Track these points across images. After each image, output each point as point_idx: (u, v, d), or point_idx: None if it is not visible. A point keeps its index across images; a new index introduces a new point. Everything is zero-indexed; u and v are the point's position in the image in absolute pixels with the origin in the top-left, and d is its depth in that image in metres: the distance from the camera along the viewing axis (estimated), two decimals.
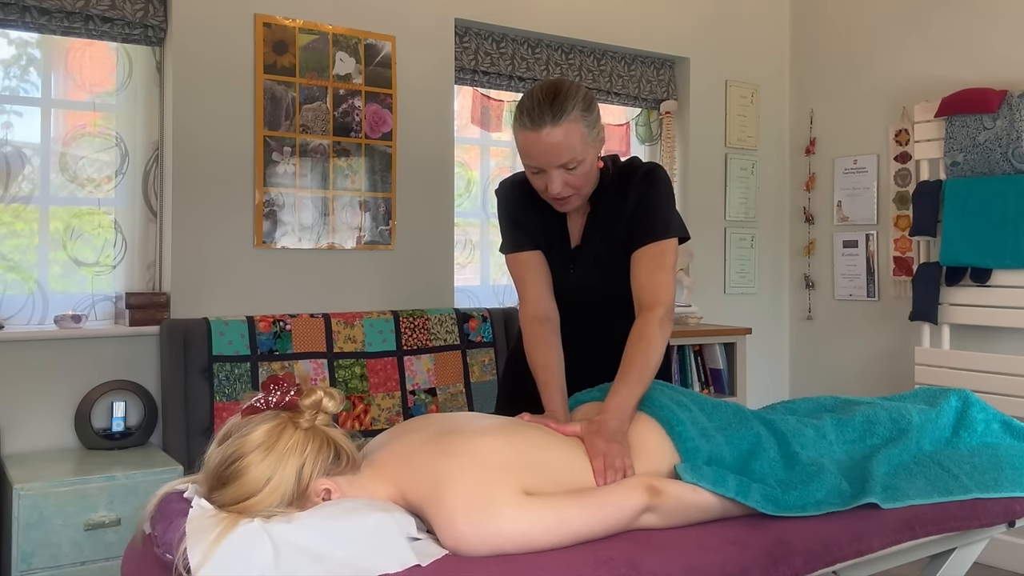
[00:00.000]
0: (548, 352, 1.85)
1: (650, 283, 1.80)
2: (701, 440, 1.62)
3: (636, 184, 1.87)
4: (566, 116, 1.69)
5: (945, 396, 1.94)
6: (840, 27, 4.24)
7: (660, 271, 1.81)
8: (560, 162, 1.72)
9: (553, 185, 1.75)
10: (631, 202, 1.86)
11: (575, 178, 1.77)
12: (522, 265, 1.94)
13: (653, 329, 1.74)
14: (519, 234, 1.96)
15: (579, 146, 1.73)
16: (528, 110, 1.71)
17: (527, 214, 1.95)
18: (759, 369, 4.31)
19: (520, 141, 1.75)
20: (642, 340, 1.73)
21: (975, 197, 3.47)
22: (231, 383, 2.78)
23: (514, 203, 1.97)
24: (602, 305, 1.97)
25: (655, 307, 1.76)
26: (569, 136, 1.71)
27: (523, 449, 1.44)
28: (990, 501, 1.69)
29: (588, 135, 1.74)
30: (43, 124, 2.82)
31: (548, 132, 1.69)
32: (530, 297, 1.92)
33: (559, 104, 1.70)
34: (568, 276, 1.95)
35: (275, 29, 3.04)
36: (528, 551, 1.31)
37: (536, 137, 1.70)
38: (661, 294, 1.78)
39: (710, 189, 4.21)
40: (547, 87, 1.74)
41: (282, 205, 3.06)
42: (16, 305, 2.78)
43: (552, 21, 3.69)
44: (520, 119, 1.73)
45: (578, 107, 1.72)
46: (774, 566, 1.39)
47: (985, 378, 3.44)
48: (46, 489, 2.31)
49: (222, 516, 1.27)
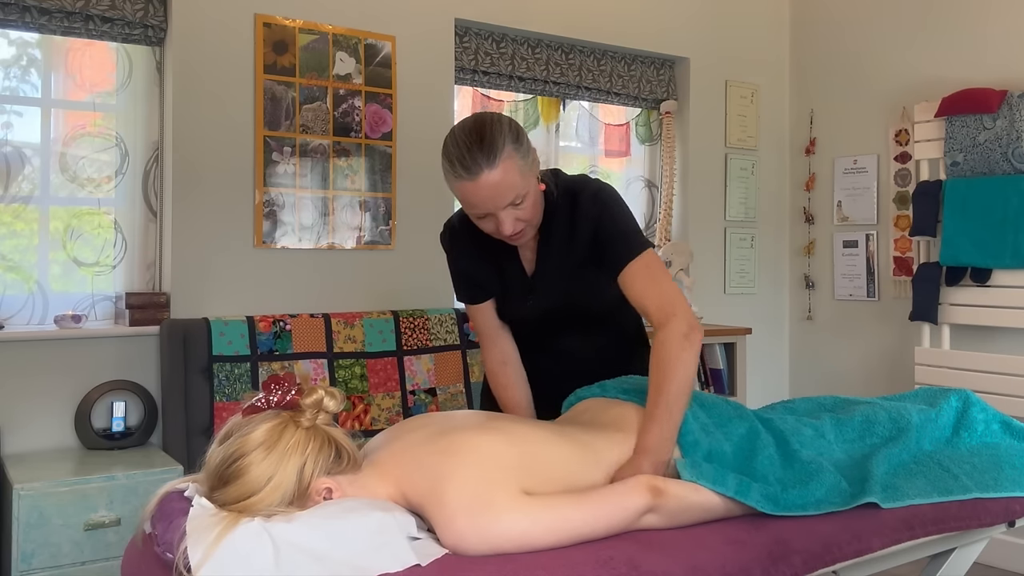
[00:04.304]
0: (515, 392, 1.92)
1: (653, 298, 1.69)
2: (701, 434, 1.62)
3: (585, 207, 1.78)
4: (500, 155, 1.59)
5: (945, 396, 1.94)
6: (840, 27, 4.25)
7: (656, 282, 1.71)
8: (506, 202, 1.63)
9: (504, 226, 1.66)
10: (585, 226, 1.78)
11: (524, 211, 1.68)
12: (478, 315, 1.93)
13: (672, 348, 1.62)
14: (470, 286, 1.92)
15: (520, 181, 1.63)
16: (459, 159, 1.60)
17: (475, 259, 1.89)
18: (759, 369, 4.31)
19: (458, 192, 1.64)
20: (662, 365, 1.62)
21: (975, 197, 3.47)
22: (231, 383, 2.78)
23: (460, 251, 1.91)
24: (567, 322, 1.90)
25: (670, 320, 1.65)
26: (508, 174, 1.60)
27: (524, 448, 1.44)
28: (990, 501, 1.69)
29: (525, 167, 1.64)
30: (43, 124, 2.82)
31: (486, 176, 1.59)
32: (489, 344, 1.95)
33: (488, 144, 1.59)
34: (527, 306, 1.88)
35: (275, 29, 3.04)
36: (528, 550, 1.31)
37: (475, 186, 1.60)
38: (669, 305, 1.67)
39: (710, 189, 4.21)
40: (469, 128, 1.63)
41: (282, 205, 3.06)
42: (16, 305, 2.78)
43: (552, 21, 3.69)
44: (453, 170, 1.62)
45: (508, 141, 1.61)
46: (774, 566, 1.39)
47: (985, 378, 3.44)
48: (46, 489, 2.31)
49: (223, 515, 1.27)
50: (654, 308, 1.68)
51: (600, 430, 1.61)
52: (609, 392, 1.76)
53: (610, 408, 1.70)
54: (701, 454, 1.59)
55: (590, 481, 1.48)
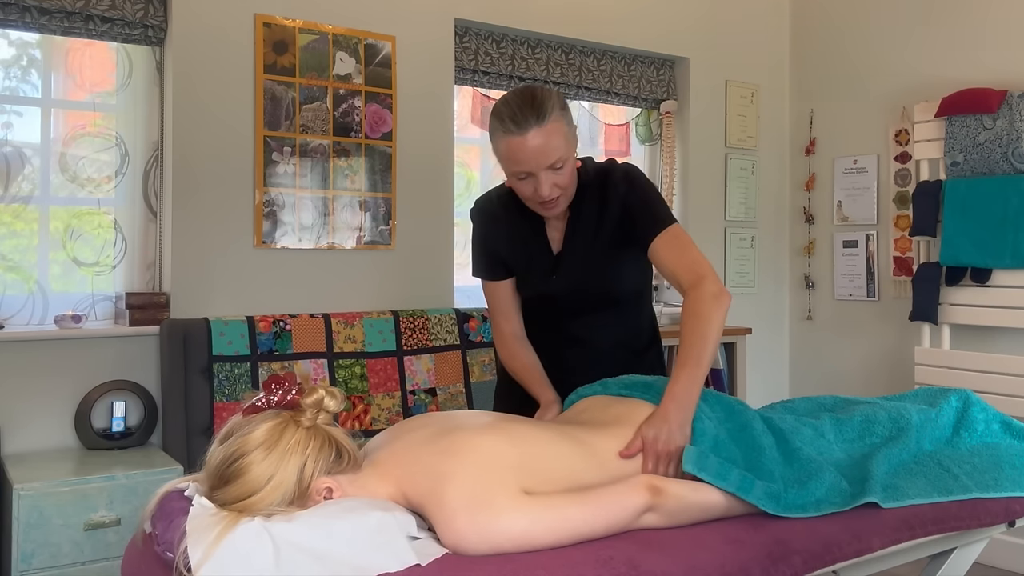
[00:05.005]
0: (526, 357, 1.98)
1: (682, 263, 1.78)
2: (709, 423, 1.62)
3: (616, 185, 1.87)
4: (549, 116, 1.69)
5: (945, 396, 1.94)
6: (840, 27, 4.25)
7: (686, 250, 1.80)
8: (549, 162, 1.72)
9: (543, 188, 1.74)
10: (615, 205, 1.86)
11: (562, 178, 1.76)
12: (496, 291, 2.01)
13: (705, 304, 1.70)
14: (494, 262, 1.98)
15: (563, 145, 1.73)
16: (510, 116, 1.70)
17: (503, 235, 1.96)
18: (759, 369, 4.31)
19: (504, 148, 1.73)
20: (693, 316, 1.69)
21: (975, 197, 3.47)
22: (231, 383, 2.78)
23: (490, 226, 1.99)
24: (584, 305, 1.96)
25: (701, 282, 1.73)
26: (554, 136, 1.70)
27: (524, 448, 1.44)
28: (990, 501, 1.69)
29: (569, 134, 1.76)
30: (43, 124, 2.82)
31: (535, 134, 1.68)
32: (502, 319, 2.01)
33: (539, 105, 1.70)
34: (551, 282, 1.93)
35: (275, 29, 3.04)
36: (528, 550, 1.31)
37: (522, 141, 1.69)
38: (700, 268, 1.76)
39: (710, 189, 4.21)
40: (521, 92, 1.74)
41: (282, 205, 3.06)
42: (16, 305, 2.78)
43: (552, 21, 3.69)
44: (503, 125, 1.71)
45: (557, 107, 1.72)
46: (774, 565, 1.39)
47: (985, 378, 3.44)
48: (46, 489, 2.31)
49: (223, 515, 1.27)
50: (684, 271, 1.77)
51: (601, 430, 1.61)
52: (610, 389, 1.77)
53: (611, 407, 1.70)
54: (708, 443, 1.59)
55: (591, 481, 1.48)
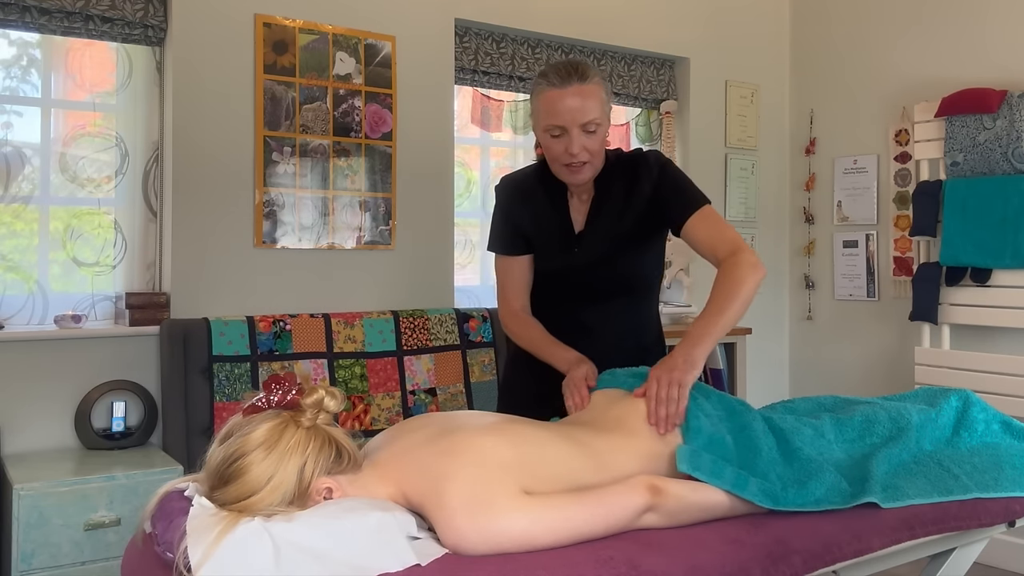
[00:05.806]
0: (534, 328, 2.02)
1: (721, 236, 1.85)
2: (705, 420, 1.62)
3: (650, 168, 1.93)
4: (591, 79, 1.80)
5: (945, 396, 1.94)
6: (840, 27, 4.25)
7: (723, 228, 1.87)
8: (584, 120, 1.79)
9: (574, 145, 1.80)
10: (646, 186, 1.92)
11: (592, 142, 1.83)
12: (510, 266, 2.05)
13: (741, 268, 1.76)
14: (514, 237, 2.03)
15: (600, 109, 1.81)
16: (555, 72, 1.80)
17: (528, 208, 2.01)
18: (759, 369, 4.31)
19: (543, 101, 1.81)
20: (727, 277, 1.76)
21: (975, 197, 3.47)
22: (231, 383, 2.78)
23: (516, 198, 2.04)
24: (598, 288, 1.99)
25: (739, 251, 1.80)
26: (593, 96, 1.80)
27: (524, 448, 1.44)
28: (990, 501, 1.69)
29: (606, 102, 1.85)
30: (43, 124, 2.83)
31: (576, 89, 1.78)
32: (513, 295, 2.05)
33: (583, 69, 1.81)
34: (572, 255, 1.97)
35: (275, 29, 3.04)
36: (528, 550, 1.31)
37: (562, 94, 1.78)
38: (738, 242, 1.83)
39: (710, 189, 4.20)
40: (568, 59, 1.87)
41: (282, 205, 3.06)
42: (16, 305, 2.78)
43: (552, 21, 3.69)
44: (547, 79, 1.81)
45: (598, 76, 1.84)
46: (774, 565, 1.39)
47: (985, 378, 3.44)
48: (46, 489, 2.31)
49: (223, 515, 1.27)
50: (723, 243, 1.84)
51: (601, 431, 1.61)
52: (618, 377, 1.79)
53: (612, 407, 1.70)
54: (702, 441, 1.59)
55: (591, 481, 1.47)
